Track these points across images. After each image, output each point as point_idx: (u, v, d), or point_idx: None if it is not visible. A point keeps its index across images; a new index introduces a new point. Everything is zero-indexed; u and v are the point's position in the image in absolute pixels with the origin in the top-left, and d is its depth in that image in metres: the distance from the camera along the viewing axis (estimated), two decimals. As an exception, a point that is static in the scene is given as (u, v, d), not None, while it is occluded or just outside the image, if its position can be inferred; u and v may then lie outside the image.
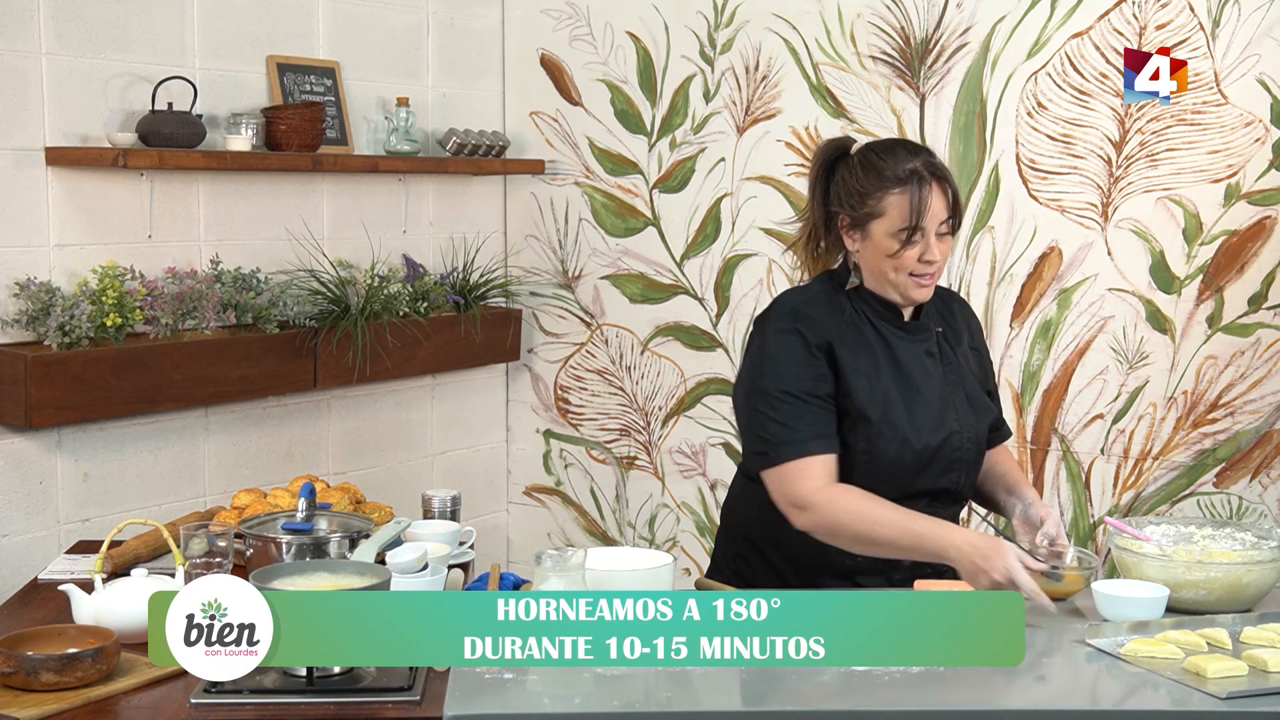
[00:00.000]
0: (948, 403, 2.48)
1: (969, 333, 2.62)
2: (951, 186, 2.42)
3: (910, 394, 2.45)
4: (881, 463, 2.43)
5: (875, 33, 3.90)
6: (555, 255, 4.48)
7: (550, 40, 4.39)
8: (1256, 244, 3.53)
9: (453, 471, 4.40)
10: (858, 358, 2.44)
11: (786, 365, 2.42)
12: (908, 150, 2.44)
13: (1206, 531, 2.47)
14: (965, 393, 2.52)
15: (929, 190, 2.39)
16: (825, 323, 2.44)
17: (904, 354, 2.47)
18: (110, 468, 3.46)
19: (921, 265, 2.41)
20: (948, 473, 2.48)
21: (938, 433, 2.46)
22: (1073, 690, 2.08)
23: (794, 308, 2.48)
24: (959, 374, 2.53)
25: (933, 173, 2.41)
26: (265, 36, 3.77)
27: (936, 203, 2.40)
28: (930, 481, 2.46)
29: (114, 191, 3.43)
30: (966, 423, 2.50)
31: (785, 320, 2.46)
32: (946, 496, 2.51)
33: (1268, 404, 3.57)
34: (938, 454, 2.46)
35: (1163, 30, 3.54)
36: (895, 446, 2.42)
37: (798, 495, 2.38)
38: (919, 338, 2.50)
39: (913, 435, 2.43)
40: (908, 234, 2.39)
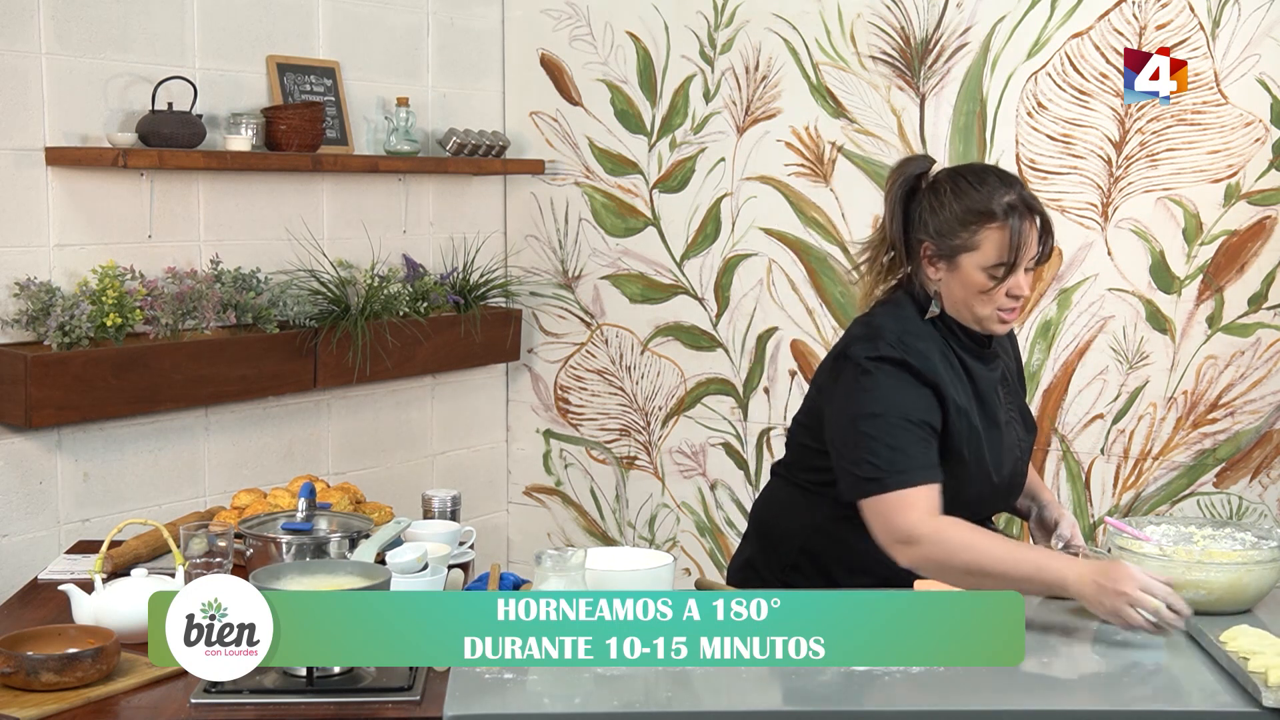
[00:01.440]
0: (1010, 428, 2.47)
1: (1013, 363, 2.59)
2: (1044, 218, 2.34)
3: (991, 428, 2.41)
4: (965, 498, 2.37)
5: (875, 33, 3.90)
6: (555, 255, 4.48)
7: (550, 40, 4.39)
8: (1256, 244, 3.54)
9: (453, 471, 4.40)
10: (957, 393, 2.37)
11: (902, 392, 2.32)
12: (1002, 181, 2.35)
13: (1206, 531, 2.47)
14: (1019, 413, 2.52)
15: (1027, 226, 2.31)
16: (932, 357, 2.35)
17: (984, 385, 2.42)
18: (110, 468, 3.46)
19: (1009, 300, 2.35)
20: (1009, 497, 2.49)
21: (1008, 463, 2.44)
22: (1073, 690, 2.08)
23: (899, 337, 2.36)
24: (1017, 400, 2.52)
25: (1029, 207, 2.32)
26: (265, 36, 3.77)
27: (1031, 238, 2.32)
28: (996, 507, 2.48)
29: (114, 191, 3.43)
30: (1026, 446, 2.50)
31: (894, 349, 2.34)
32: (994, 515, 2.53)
33: (1268, 404, 3.57)
34: (1009, 488, 2.46)
35: (1163, 30, 3.54)
36: (979, 482, 2.40)
37: (903, 529, 2.26)
38: (993, 367, 2.46)
39: (994, 470, 2.41)
40: (1004, 270, 2.32)
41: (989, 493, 2.42)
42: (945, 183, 2.38)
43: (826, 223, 4.02)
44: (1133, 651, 2.19)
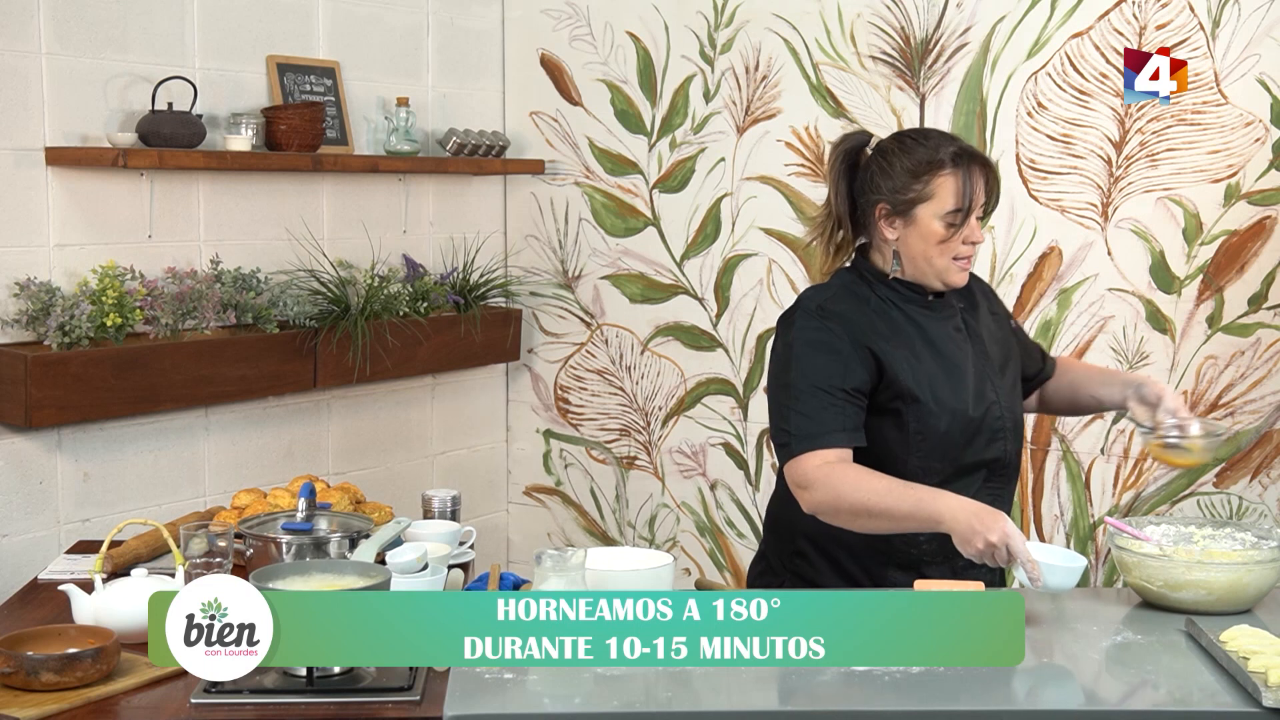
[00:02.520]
0: (983, 375, 2.51)
1: (986, 300, 2.65)
2: (992, 169, 2.45)
3: (949, 369, 2.47)
4: (935, 438, 2.44)
5: (875, 33, 3.90)
6: (555, 255, 4.48)
7: (550, 40, 4.39)
8: (1256, 244, 3.54)
9: (453, 471, 4.40)
10: (894, 344, 2.44)
11: (810, 360, 2.41)
12: (944, 136, 2.47)
13: (1206, 531, 2.47)
14: (996, 365, 2.55)
15: (975, 171, 2.42)
16: (855, 318, 2.44)
17: (935, 333, 2.49)
18: (110, 468, 3.46)
19: (965, 248, 2.44)
20: (994, 443, 2.49)
21: (980, 404, 2.48)
22: (1073, 690, 2.08)
23: (819, 305, 2.46)
24: (985, 347, 2.55)
25: (972, 154, 2.44)
26: (265, 36, 3.77)
27: (978, 185, 2.43)
28: (980, 453, 2.48)
29: (114, 191, 3.43)
30: (1002, 393, 2.52)
31: (810, 318, 2.45)
32: (1000, 468, 2.52)
33: (1268, 404, 3.56)
34: (983, 424, 2.48)
35: (1163, 30, 3.54)
36: (946, 420, 2.44)
37: (799, 475, 2.37)
38: (945, 314, 2.52)
39: (960, 407, 2.45)
40: (960, 216, 2.41)
41: (959, 430, 2.45)
42: (891, 144, 2.49)
43: (826, 223, 4.01)
44: (1133, 651, 2.19)
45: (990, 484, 2.51)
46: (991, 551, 2.23)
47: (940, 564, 2.48)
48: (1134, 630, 2.25)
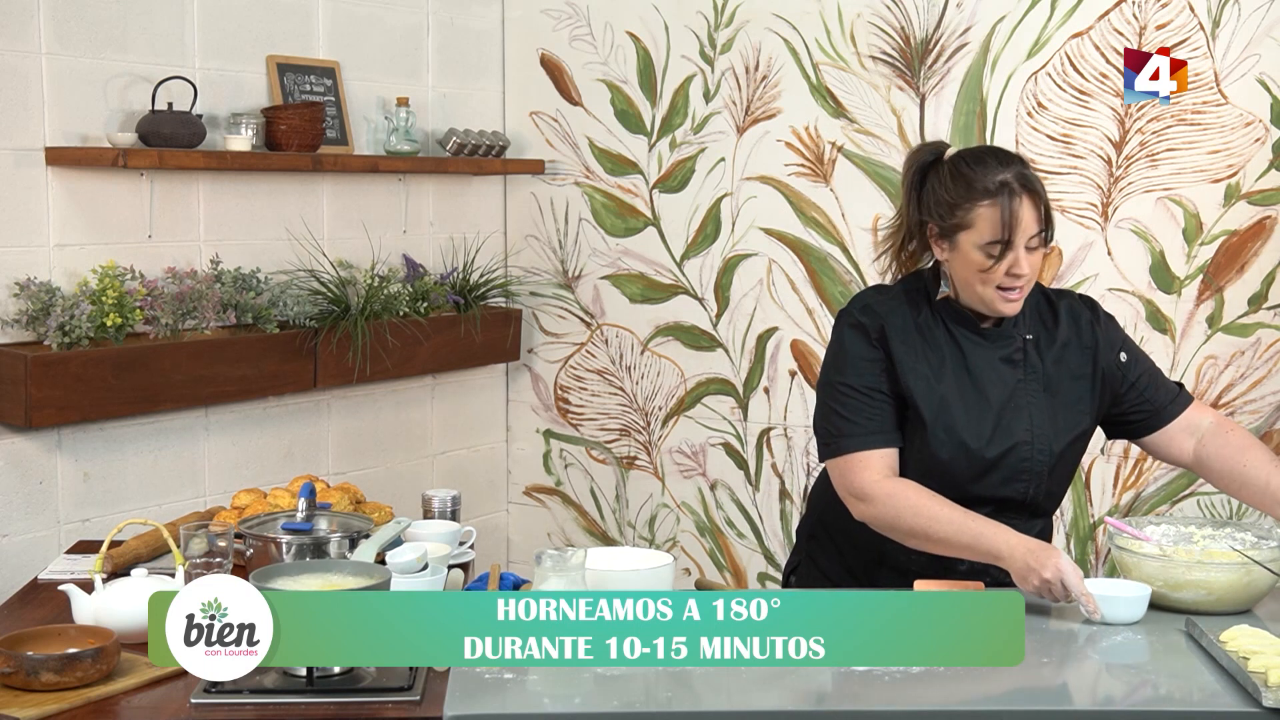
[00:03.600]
0: (1021, 411, 2.43)
1: (1075, 332, 2.51)
2: (1043, 199, 2.36)
3: (975, 400, 2.42)
4: (934, 465, 2.41)
5: (875, 33, 3.90)
6: (555, 255, 4.48)
7: (550, 40, 4.39)
8: (1256, 244, 3.54)
9: (453, 471, 4.40)
10: (917, 357, 2.41)
11: (853, 359, 2.43)
12: (998, 160, 2.38)
13: (1206, 531, 2.47)
14: (1051, 400, 2.46)
15: (1019, 203, 2.33)
16: (890, 317, 2.43)
17: (976, 360, 2.43)
18: (110, 468, 3.46)
19: (1009, 279, 2.36)
20: (1012, 482, 2.44)
21: (1001, 441, 2.42)
22: (1073, 690, 2.08)
23: (867, 303, 2.47)
24: (1045, 382, 2.46)
25: (1024, 185, 2.34)
26: (265, 36, 3.77)
27: (1027, 216, 2.34)
28: (991, 490, 2.43)
29: (114, 191, 3.43)
30: (1040, 433, 2.44)
31: (856, 315, 2.46)
32: (1014, 507, 2.46)
33: (1268, 404, 3.56)
34: (1000, 463, 2.42)
35: (1163, 30, 3.54)
36: (949, 450, 2.40)
37: (857, 486, 2.40)
38: (997, 344, 2.45)
39: (971, 441, 2.40)
40: (999, 248, 2.34)
41: (964, 464, 2.40)
42: (946, 164, 2.43)
43: (826, 223, 4.02)
44: (1133, 652, 2.19)
45: (1005, 516, 2.43)
46: (1048, 588, 2.24)
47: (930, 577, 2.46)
48: (1134, 630, 2.25)
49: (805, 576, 2.64)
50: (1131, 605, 2.26)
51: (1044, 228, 2.37)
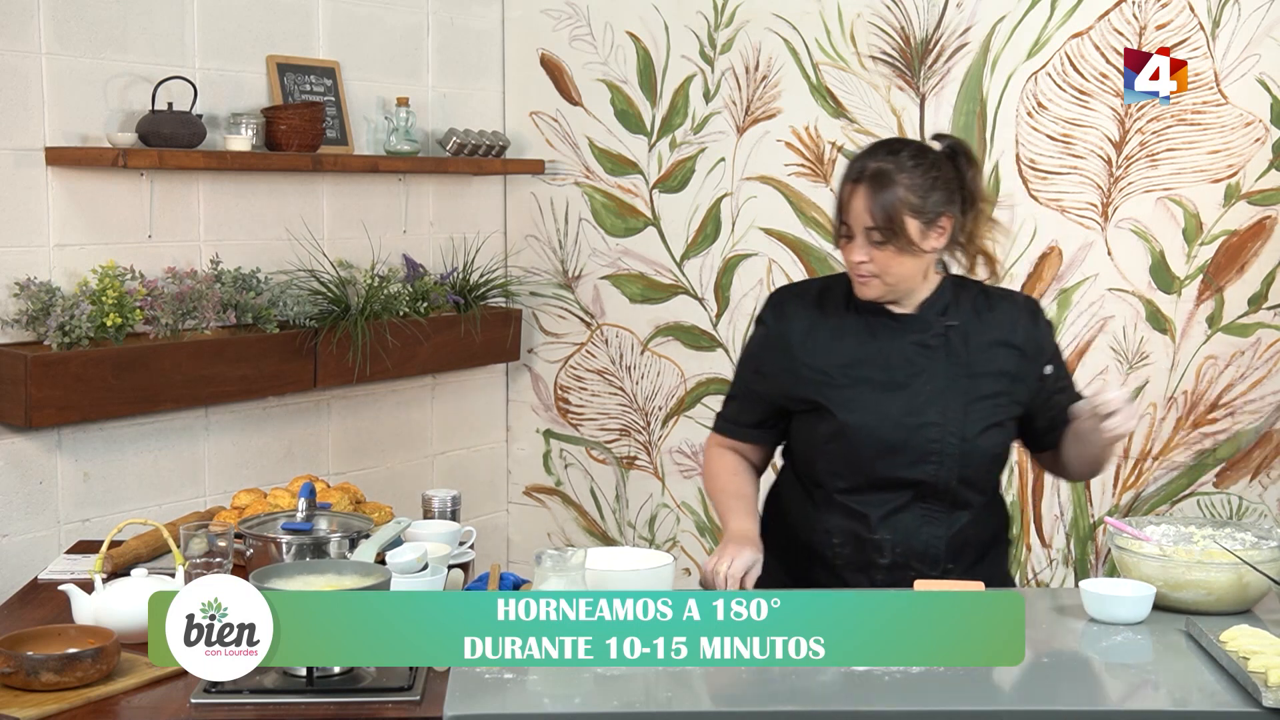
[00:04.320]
0: (935, 396, 2.46)
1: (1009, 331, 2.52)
2: (885, 195, 2.37)
3: (882, 383, 2.46)
4: (841, 447, 2.47)
5: (875, 33, 3.90)
6: (555, 255, 4.48)
7: (550, 40, 4.39)
8: (1256, 244, 3.54)
9: (453, 471, 4.40)
10: (825, 350, 2.49)
11: (748, 355, 2.64)
12: (872, 150, 2.47)
13: (1206, 531, 2.47)
14: (969, 388, 2.47)
15: (852, 191, 2.41)
16: (800, 316, 2.54)
17: (888, 344, 2.48)
18: (110, 468, 3.46)
19: (853, 264, 2.44)
20: (921, 464, 2.45)
21: (908, 422, 2.45)
22: (1073, 690, 2.08)
23: (780, 299, 2.60)
24: (964, 370, 2.48)
25: (867, 176, 2.40)
26: (265, 36, 3.77)
27: (857, 205, 2.40)
28: (901, 470, 2.45)
29: (114, 191, 3.43)
30: (952, 416, 2.46)
31: (765, 310, 2.60)
32: (931, 493, 2.47)
33: (1268, 404, 3.57)
34: (908, 443, 2.45)
35: (1163, 30, 3.54)
36: (854, 434, 2.45)
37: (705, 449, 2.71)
38: (912, 328, 2.49)
39: (877, 424, 2.44)
40: (834, 228, 2.47)
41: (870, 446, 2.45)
42: None
43: (826, 223, 4.02)
44: (1133, 652, 2.19)
45: (923, 505, 2.47)
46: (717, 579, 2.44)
47: (855, 571, 2.49)
48: (1134, 630, 2.25)
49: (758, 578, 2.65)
50: (1133, 605, 2.26)
51: (877, 225, 2.38)
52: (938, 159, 2.45)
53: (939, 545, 2.47)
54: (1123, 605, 2.26)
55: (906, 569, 2.47)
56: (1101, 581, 2.33)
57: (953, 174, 2.45)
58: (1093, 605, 2.28)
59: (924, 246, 2.41)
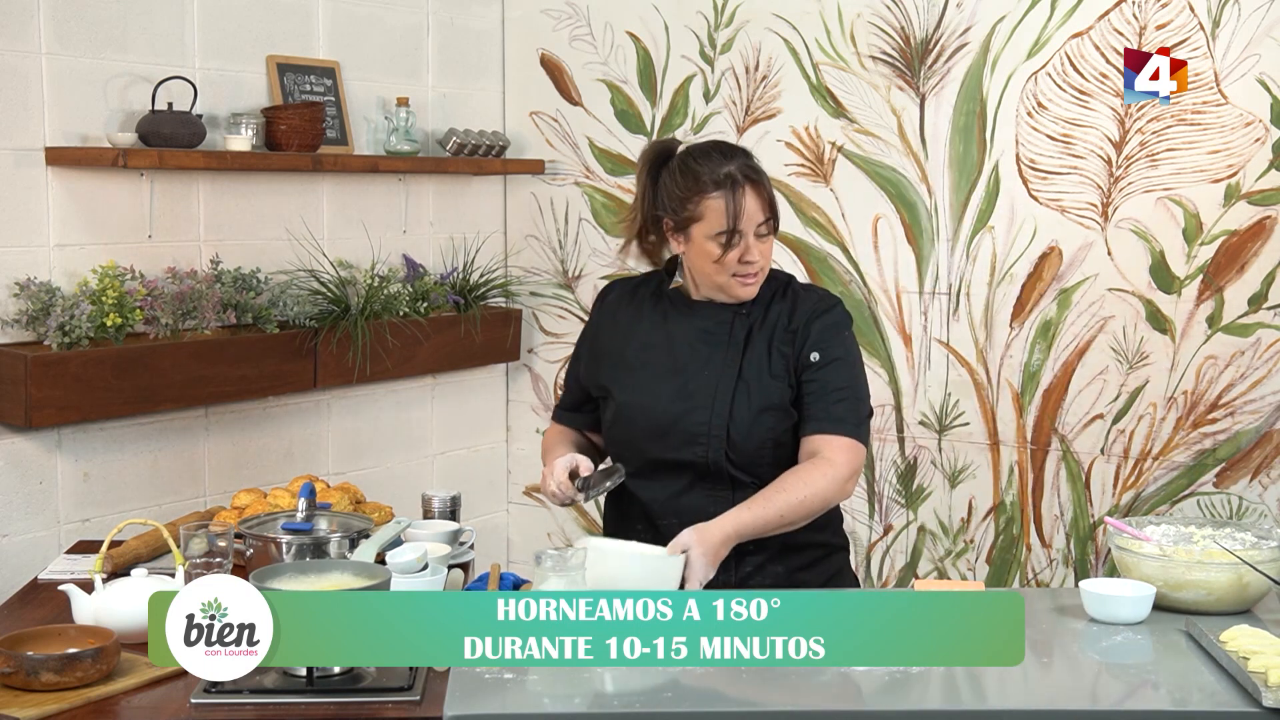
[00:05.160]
0: (710, 381, 2.51)
1: (791, 318, 2.54)
2: (767, 188, 2.49)
3: (660, 368, 2.56)
4: (618, 430, 2.59)
5: (875, 33, 3.90)
6: (555, 255, 4.48)
7: (550, 40, 4.39)
8: (1256, 244, 3.54)
9: (453, 471, 4.40)
10: (619, 337, 2.63)
11: (578, 344, 2.78)
12: (722, 154, 2.50)
13: (1206, 531, 2.47)
14: (745, 373, 2.51)
15: (743, 194, 2.45)
16: (612, 304, 2.69)
17: (676, 329, 2.57)
18: (110, 468, 3.46)
19: (742, 266, 2.48)
20: (690, 446, 2.50)
21: (677, 405, 2.52)
22: (1073, 690, 2.08)
23: (607, 289, 2.75)
24: (740, 354, 2.52)
25: (747, 176, 2.47)
26: (265, 36, 3.77)
27: (751, 205, 2.46)
28: (672, 452, 2.52)
29: (114, 191, 3.43)
30: (722, 400, 2.50)
31: (595, 302, 2.76)
32: (707, 475, 2.50)
33: (1268, 404, 3.57)
34: (675, 426, 2.51)
35: (1163, 30, 3.54)
36: (628, 415, 2.56)
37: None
38: (701, 316, 2.56)
39: (650, 405, 2.53)
40: (726, 237, 2.45)
41: (642, 427, 2.54)
42: (675, 160, 2.56)
43: (826, 223, 4.02)
44: (1133, 652, 2.19)
45: (704, 486, 2.52)
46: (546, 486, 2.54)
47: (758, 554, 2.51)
48: (1134, 630, 2.25)
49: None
50: (1134, 605, 2.26)
51: (770, 215, 2.49)
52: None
53: None
54: (1123, 605, 2.26)
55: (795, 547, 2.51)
56: (1101, 581, 2.33)
57: None
58: (1093, 605, 2.28)
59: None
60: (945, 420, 3.93)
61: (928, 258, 3.90)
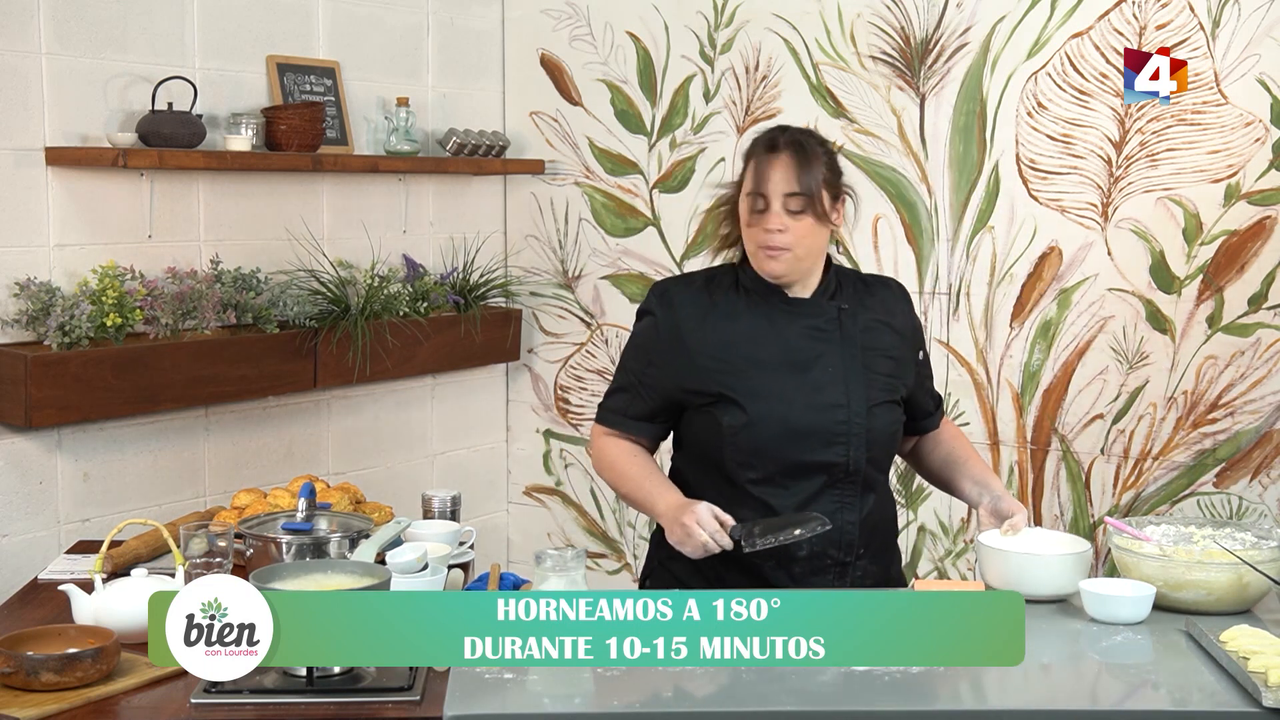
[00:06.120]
0: (837, 378, 2.46)
1: (889, 315, 2.56)
2: (807, 164, 2.40)
3: (784, 368, 2.45)
4: (747, 435, 2.43)
5: (875, 33, 3.90)
6: (555, 255, 4.48)
7: (550, 40, 4.39)
8: (1256, 244, 3.54)
9: (453, 471, 4.40)
10: (720, 340, 2.46)
11: (634, 342, 2.58)
12: (777, 128, 2.49)
13: (1206, 531, 2.47)
14: (864, 368, 2.49)
15: (774, 157, 2.41)
16: (686, 303, 2.51)
17: (785, 329, 2.47)
18: (110, 468, 3.46)
19: (767, 236, 2.41)
20: (831, 446, 2.44)
21: (817, 407, 2.44)
22: (1073, 690, 2.08)
23: (665, 289, 2.56)
24: (858, 349, 2.49)
25: (788, 144, 2.42)
26: (265, 36, 3.77)
27: (779, 172, 2.40)
28: (812, 455, 2.44)
29: (114, 191, 3.43)
30: (857, 397, 2.46)
31: (650, 300, 2.56)
32: (843, 477, 2.46)
33: (1268, 404, 3.57)
34: (815, 428, 2.44)
35: (1163, 30, 3.54)
36: (761, 420, 2.43)
37: (592, 437, 2.64)
38: (807, 313, 2.49)
39: (784, 409, 2.43)
40: (754, 199, 2.42)
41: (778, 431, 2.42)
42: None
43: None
44: (1133, 652, 2.19)
45: (835, 490, 2.46)
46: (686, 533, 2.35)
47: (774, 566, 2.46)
48: (1134, 630, 2.25)
49: (659, 582, 2.61)
50: (1134, 605, 2.26)
51: (803, 191, 2.40)
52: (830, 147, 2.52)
53: (854, 531, 2.47)
54: (1123, 605, 2.26)
55: (824, 558, 2.46)
56: (1101, 581, 2.33)
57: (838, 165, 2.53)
58: (1093, 605, 2.28)
59: (833, 220, 2.46)
60: (945, 420, 3.92)
61: (928, 258, 3.90)
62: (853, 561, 2.48)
